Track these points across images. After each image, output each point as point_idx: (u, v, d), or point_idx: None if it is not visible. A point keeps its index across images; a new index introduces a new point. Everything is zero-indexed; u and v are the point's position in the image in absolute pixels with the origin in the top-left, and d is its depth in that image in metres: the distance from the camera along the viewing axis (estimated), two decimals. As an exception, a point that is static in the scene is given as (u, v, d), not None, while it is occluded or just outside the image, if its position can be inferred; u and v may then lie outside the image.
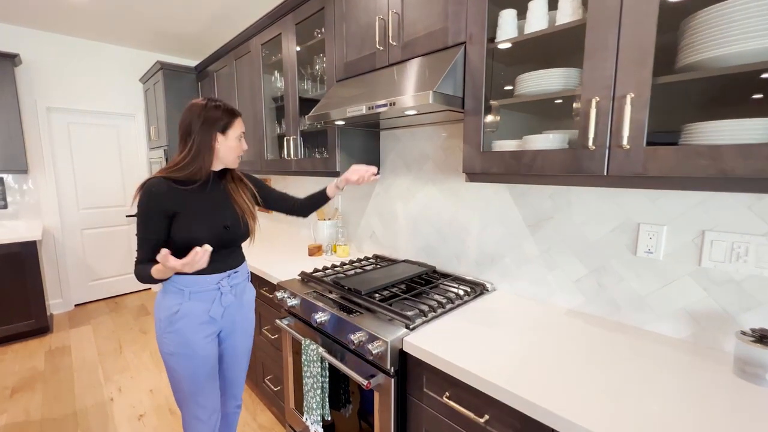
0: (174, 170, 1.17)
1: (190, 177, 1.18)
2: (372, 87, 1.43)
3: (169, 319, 1.19)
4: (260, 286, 1.93)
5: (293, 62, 2.01)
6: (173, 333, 1.19)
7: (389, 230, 2.00)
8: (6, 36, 3.05)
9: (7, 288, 2.81)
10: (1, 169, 2.93)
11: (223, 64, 2.82)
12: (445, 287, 1.51)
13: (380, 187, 2.02)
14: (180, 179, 1.17)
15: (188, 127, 1.17)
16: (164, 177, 1.16)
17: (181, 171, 1.17)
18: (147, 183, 1.15)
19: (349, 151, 1.84)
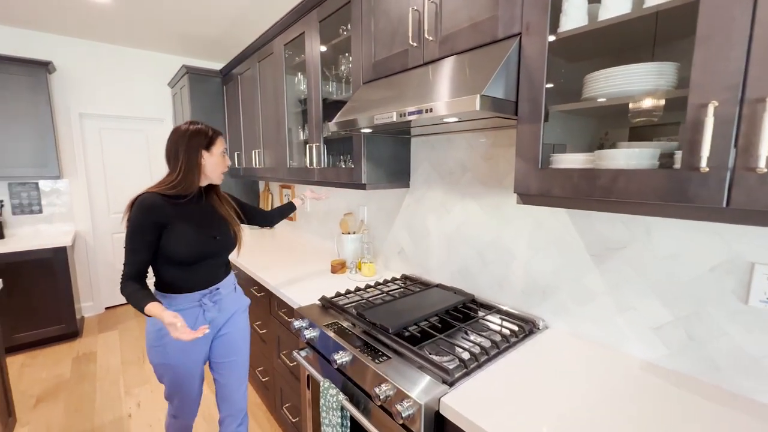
0: (165, 188, 1.25)
1: (180, 193, 1.26)
2: (403, 89, 1.23)
3: (156, 333, 1.26)
4: (279, 308, 1.78)
5: (317, 63, 1.84)
6: (160, 347, 1.27)
7: (420, 247, 1.79)
8: (40, 44, 3.10)
9: (39, 293, 2.84)
10: (36, 175, 2.98)
11: (247, 67, 2.71)
12: (486, 323, 1.29)
13: (410, 199, 1.82)
14: (170, 195, 1.25)
15: (175, 149, 1.26)
16: (156, 192, 1.24)
17: (173, 188, 1.25)
18: (140, 198, 1.22)
19: (377, 161, 1.65)
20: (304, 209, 2.85)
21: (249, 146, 2.85)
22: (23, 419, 2.09)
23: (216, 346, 1.42)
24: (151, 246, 1.21)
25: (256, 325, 2.11)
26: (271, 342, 1.93)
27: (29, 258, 2.77)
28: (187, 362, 1.31)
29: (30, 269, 2.79)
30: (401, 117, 1.11)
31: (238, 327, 1.45)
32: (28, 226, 3.20)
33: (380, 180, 1.67)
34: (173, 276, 1.27)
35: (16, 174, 2.89)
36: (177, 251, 1.23)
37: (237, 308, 1.46)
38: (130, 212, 1.21)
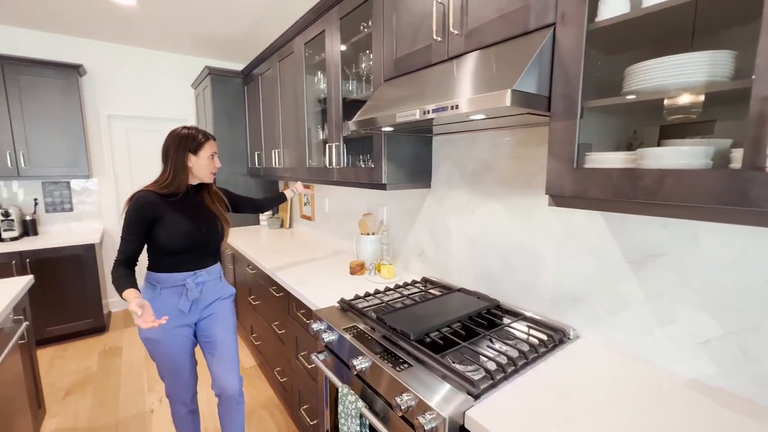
0: (158, 186, 1.41)
1: (171, 191, 1.42)
2: (426, 86, 1.18)
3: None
4: (297, 308, 1.76)
5: (337, 61, 1.82)
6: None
7: (441, 250, 1.74)
8: (70, 48, 3.21)
9: (69, 288, 2.95)
10: (68, 174, 3.08)
11: (267, 67, 2.72)
12: (513, 330, 1.23)
13: (431, 199, 1.77)
14: (163, 193, 1.41)
15: (167, 151, 1.42)
16: (150, 190, 1.40)
17: (165, 188, 1.41)
18: (136, 195, 1.38)
19: (397, 160, 1.61)
20: (324, 210, 2.83)
21: (269, 146, 2.86)
22: (52, 410, 2.16)
23: (201, 327, 1.55)
24: (142, 237, 1.38)
25: (274, 325, 2.11)
26: (289, 342, 1.92)
27: (60, 254, 2.87)
28: (170, 338, 1.44)
29: (61, 265, 2.89)
30: (425, 115, 1.06)
31: (221, 310, 1.58)
32: (60, 223, 3.33)
33: (401, 180, 1.63)
34: (163, 260, 1.44)
35: (49, 173, 3.00)
36: (167, 242, 1.39)
37: (220, 295, 1.59)
38: (128, 206, 1.37)
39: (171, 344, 1.45)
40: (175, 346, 1.46)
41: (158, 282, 1.43)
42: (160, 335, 1.41)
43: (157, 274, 1.43)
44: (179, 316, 1.46)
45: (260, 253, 2.43)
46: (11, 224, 2.89)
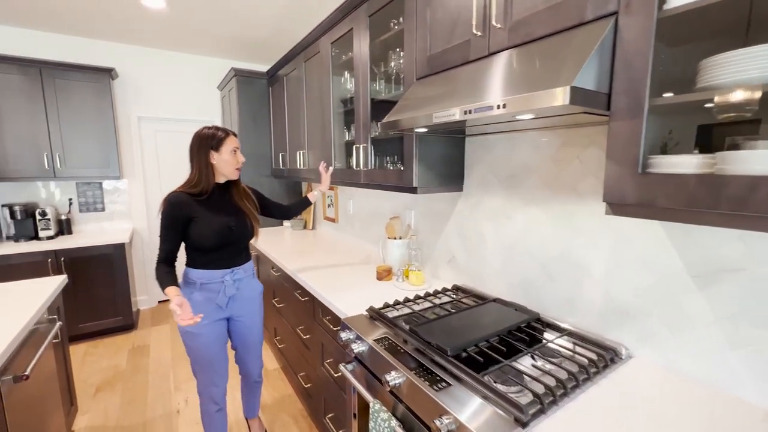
0: (188, 187, 1.48)
1: (200, 190, 1.48)
2: (465, 84, 1.11)
3: None
4: (323, 314, 1.72)
5: (365, 60, 1.76)
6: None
7: (474, 257, 1.65)
8: (103, 52, 3.30)
9: (100, 286, 3.02)
10: (100, 175, 3.17)
11: (293, 67, 2.70)
12: (557, 347, 1.14)
13: (463, 204, 1.69)
14: (193, 193, 1.47)
15: (191, 152, 1.48)
16: (182, 191, 1.46)
17: (194, 187, 1.47)
18: (169, 196, 1.45)
19: (428, 163, 1.53)
20: (348, 212, 2.79)
21: (294, 147, 2.84)
22: (84, 407, 2.20)
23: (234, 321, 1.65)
24: (178, 236, 1.45)
25: (299, 329, 2.07)
26: (314, 348, 1.88)
27: (92, 253, 2.95)
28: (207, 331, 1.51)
29: (93, 264, 2.97)
30: (466, 115, 0.98)
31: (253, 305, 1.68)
32: (93, 223, 3.43)
33: (432, 183, 1.56)
34: (200, 257, 1.51)
35: (82, 174, 3.09)
36: (200, 240, 1.46)
37: (253, 291, 1.68)
38: (162, 207, 1.44)
39: (208, 337, 1.52)
40: (211, 339, 1.53)
41: (197, 279, 1.50)
42: (199, 328, 1.49)
43: (196, 271, 1.50)
44: (217, 310, 1.55)
45: (284, 254, 2.41)
46: (48, 223, 2.99)
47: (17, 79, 2.79)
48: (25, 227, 2.94)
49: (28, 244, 2.81)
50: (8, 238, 3.00)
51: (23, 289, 1.71)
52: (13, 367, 1.25)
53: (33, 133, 2.88)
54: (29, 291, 1.69)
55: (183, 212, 1.43)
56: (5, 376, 1.19)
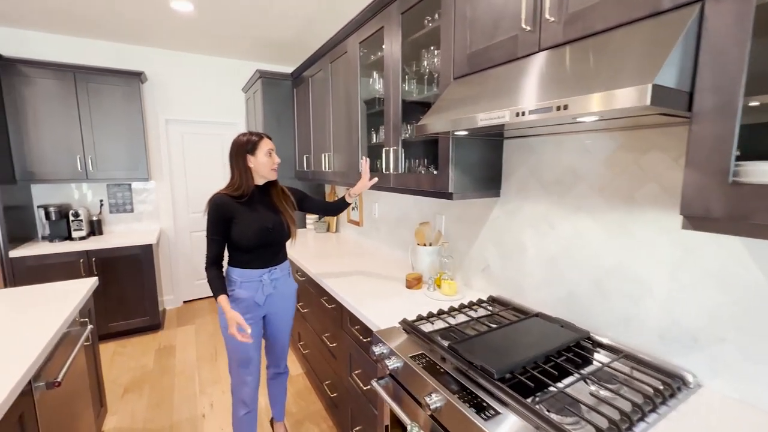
0: (230, 189, 1.57)
1: (241, 193, 1.56)
2: (510, 83, 1.02)
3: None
4: (351, 323, 1.66)
5: (396, 59, 1.69)
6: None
7: (511, 266, 1.56)
8: (132, 56, 3.36)
9: (129, 286, 3.08)
10: (129, 177, 3.23)
11: (318, 68, 2.66)
12: (613, 371, 1.03)
13: (500, 210, 1.59)
14: (235, 195, 1.55)
15: (231, 158, 1.58)
16: (224, 193, 1.56)
17: (235, 190, 1.56)
18: (213, 197, 1.54)
19: (464, 167, 1.45)
20: (373, 216, 2.73)
21: (318, 149, 2.80)
22: (112, 408, 2.22)
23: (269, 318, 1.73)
24: (223, 236, 1.55)
25: (324, 337, 2.03)
26: (341, 357, 1.82)
27: (121, 254, 3.00)
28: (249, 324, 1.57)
29: (122, 264, 3.03)
30: (518, 116, 0.90)
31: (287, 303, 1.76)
32: (122, 224, 3.50)
33: (468, 189, 1.47)
34: (240, 256, 1.59)
35: (112, 176, 3.16)
36: (240, 240, 1.54)
37: (288, 290, 1.75)
38: (207, 209, 1.54)
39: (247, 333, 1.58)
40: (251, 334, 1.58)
41: (237, 277, 1.59)
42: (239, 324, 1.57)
43: (237, 269, 1.59)
44: (255, 308, 1.63)
45: (308, 258, 2.37)
46: (80, 224, 3.06)
47: (53, 84, 2.87)
48: (59, 228, 3.02)
49: (62, 245, 2.88)
50: (44, 238, 3.09)
51: (55, 292, 1.72)
52: (45, 373, 1.25)
53: (67, 136, 2.95)
54: (61, 294, 1.70)
55: (225, 213, 1.52)
56: (38, 382, 1.19)
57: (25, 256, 2.68)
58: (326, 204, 1.87)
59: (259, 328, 1.68)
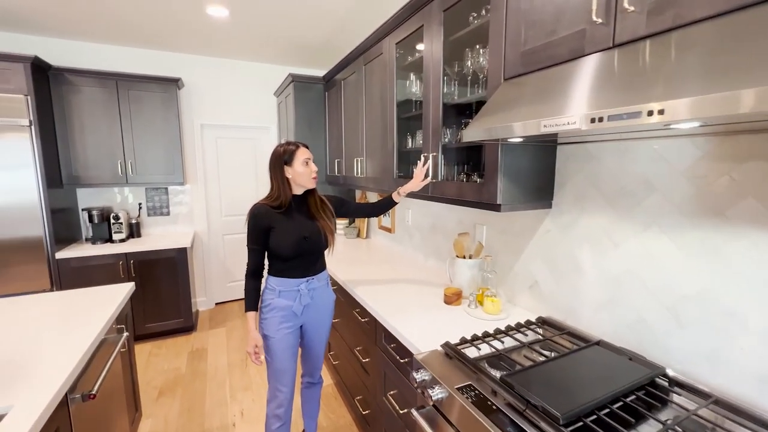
0: (270, 200, 1.58)
1: (279, 203, 1.56)
2: (576, 84, 0.89)
3: (265, 308, 1.60)
4: (386, 340, 1.57)
5: (437, 60, 1.58)
6: (266, 320, 1.59)
7: (564, 286, 1.41)
8: (169, 63, 3.44)
9: (165, 288, 3.14)
10: (166, 181, 3.30)
11: (351, 71, 2.59)
12: (701, 421, 0.88)
13: (552, 223, 1.45)
14: (273, 205, 1.56)
15: (270, 170, 1.59)
16: (264, 203, 1.57)
17: (274, 200, 1.57)
18: (253, 208, 1.56)
19: (514, 175, 1.32)
20: (405, 222, 2.63)
21: (350, 154, 2.74)
22: (147, 411, 2.25)
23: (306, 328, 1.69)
24: (263, 245, 1.56)
25: (356, 350, 1.94)
26: (374, 375, 1.74)
27: (158, 257, 3.07)
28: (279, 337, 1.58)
29: (158, 266, 3.09)
30: (594, 123, 0.77)
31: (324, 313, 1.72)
32: (159, 226, 3.59)
33: (517, 199, 1.34)
34: (279, 265, 1.59)
35: (150, 180, 3.24)
36: (278, 249, 1.54)
37: (326, 300, 1.72)
38: (248, 219, 1.55)
39: (283, 342, 1.59)
40: (285, 345, 1.59)
41: (276, 286, 1.59)
42: (276, 334, 1.58)
43: (276, 279, 1.59)
44: (293, 317, 1.61)
45: (337, 264, 2.30)
46: (120, 227, 3.16)
47: (97, 92, 2.97)
48: (101, 230, 3.12)
49: (103, 247, 2.97)
50: (87, 239, 3.21)
51: (93, 298, 1.74)
52: (81, 385, 1.23)
53: (109, 141, 3.05)
54: (99, 300, 1.71)
55: (264, 222, 1.53)
56: (74, 394, 1.17)
57: (70, 257, 2.78)
58: (370, 205, 1.81)
59: (296, 338, 1.65)
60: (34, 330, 1.40)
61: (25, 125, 2.53)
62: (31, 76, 2.54)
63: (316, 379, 1.84)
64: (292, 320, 1.61)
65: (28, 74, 2.52)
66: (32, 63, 2.53)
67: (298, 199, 1.61)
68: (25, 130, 2.54)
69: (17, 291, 2.63)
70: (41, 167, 2.62)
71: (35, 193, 2.62)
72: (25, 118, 2.53)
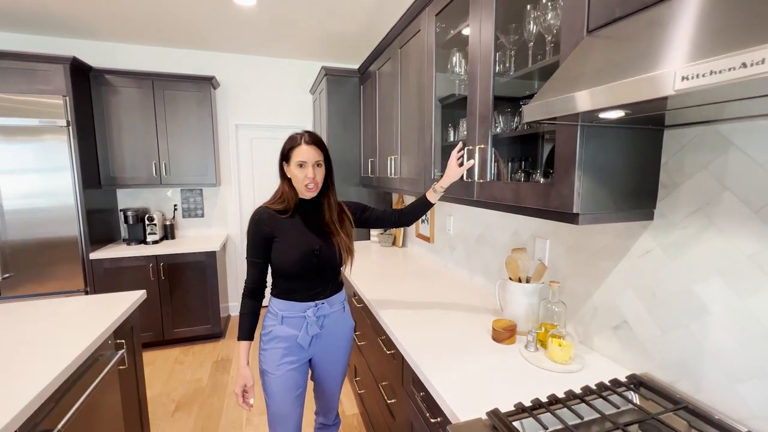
0: (273, 202, 1.30)
1: (284, 207, 1.28)
2: (708, 22, 0.49)
3: (265, 336, 1.32)
4: (414, 385, 1.22)
5: (488, 26, 1.22)
6: (266, 351, 1.30)
7: (674, 332, 0.97)
8: (204, 62, 3.37)
9: (193, 293, 3.04)
10: (199, 183, 3.22)
11: (386, 57, 2.29)
12: None
13: (653, 241, 1.02)
14: (279, 210, 1.28)
15: None
16: (267, 206, 1.29)
17: (278, 203, 1.29)
18: (254, 212, 1.28)
19: (598, 172, 0.92)
20: (446, 231, 2.26)
21: (384, 152, 2.43)
22: (160, 427, 2.09)
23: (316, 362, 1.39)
24: (265, 258, 1.28)
25: (382, 385, 1.61)
26: (401, 422, 1.39)
27: (187, 260, 2.98)
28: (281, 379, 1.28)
29: (187, 270, 3.00)
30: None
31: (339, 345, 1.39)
32: (193, 228, 3.54)
33: (604, 207, 0.94)
34: (282, 284, 1.30)
35: (186, 181, 3.17)
36: (280, 264, 1.26)
37: (341, 329, 1.39)
38: (248, 225, 1.28)
39: (284, 382, 1.29)
40: (288, 386, 1.29)
41: (279, 310, 1.30)
42: (277, 370, 1.28)
43: (278, 301, 1.31)
44: (298, 350, 1.31)
45: (366, 277, 1.99)
46: (154, 228, 3.12)
47: (134, 93, 2.96)
48: (136, 231, 3.11)
49: (136, 248, 2.94)
50: (123, 240, 3.21)
51: (98, 306, 1.59)
52: (48, 419, 1.03)
53: (144, 142, 3.03)
54: (102, 310, 1.55)
55: (265, 229, 1.25)
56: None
57: (102, 258, 2.76)
58: (397, 211, 1.47)
59: (302, 376, 1.35)
60: (10, 345, 1.24)
61: (63, 126, 2.54)
62: (70, 77, 2.54)
63: (331, 420, 1.53)
64: (297, 354, 1.31)
65: (66, 75, 2.53)
66: (71, 64, 2.54)
67: (309, 203, 1.32)
68: (63, 131, 2.55)
69: (53, 290, 2.64)
70: (78, 168, 2.61)
71: (71, 193, 2.62)
72: (62, 119, 2.53)
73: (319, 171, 1.25)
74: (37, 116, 2.48)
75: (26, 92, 2.47)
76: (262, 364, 1.31)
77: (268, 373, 1.29)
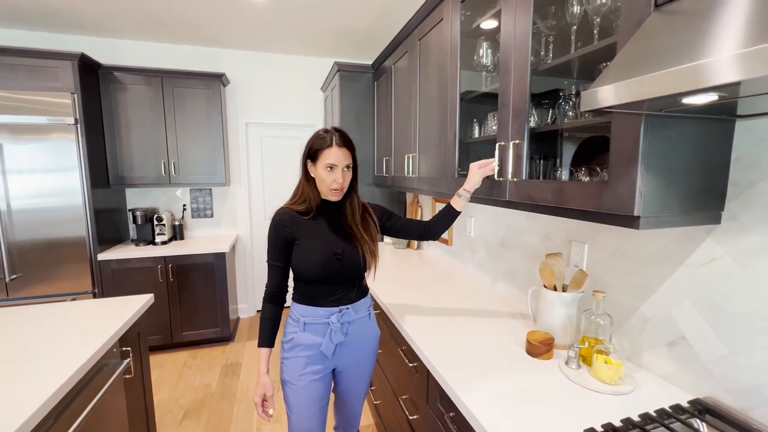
0: (293, 202, 1.23)
1: (306, 208, 1.21)
2: None
3: (286, 344, 1.24)
4: (442, 404, 1.11)
5: (525, 7, 1.11)
6: (288, 360, 1.22)
7: (745, 352, 0.85)
8: (213, 59, 3.30)
9: (202, 295, 2.96)
10: (208, 182, 3.15)
11: (403, 51, 2.18)
12: None
13: (719, 247, 0.90)
14: (300, 210, 1.21)
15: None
16: (288, 207, 1.22)
17: (299, 204, 1.22)
18: (275, 213, 1.22)
19: (664, 169, 0.80)
20: (466, 233, 2.15)
21: (400, 150, 2.32)
22: (168, 436, 2.01)
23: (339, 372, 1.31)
24: (286, 261, 1.22)
25: (402, 399, 1.51)
26: (424, 441, 1.29)
27: (195, 261, 2.90)
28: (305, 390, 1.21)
29: (196, 271, 2.93)
30: None
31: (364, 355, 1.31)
32: (202, 228, 3.47)
33: (669, 209, 0.82)
34: (303, 289, 1.23)
35: (195, 181, 3.10)
36: (300, 268, 1.20)
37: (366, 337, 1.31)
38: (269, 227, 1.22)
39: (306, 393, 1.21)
40: (312, 398, 1.22)
41: (300, 316, 1.22)
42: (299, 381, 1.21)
43: (300, 306, 1.23)
44: (321, 359, 1.23)
45: (382, 282, 1.89)
46: (162, 228, 3.06)
47: (143, 90, 2.89)
48: (145, 231, 3.05)
49: (144, 249, 2.88)
50: (132, 240, 3.16)
51: (105, 312, 1.51)
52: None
53: (153, 141, 2.96)
54: (108, 315, 1.47)
55: (286, 231, 1.19)
56: (26, 457, 0.88)
57: (110, 259, 2.70)
58: (424, 223, 1.37)
59: (326, 387, 1.27)
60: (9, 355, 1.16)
61: (71, 124, 2.48)
62: (78, 74, 2.48)
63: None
64: (321, 362, 1.23)
65: (75, 72, 2.47)
66: (79, 61, 2.48)
67: (331, 204, 1.25)
68: (71, 129, 2.49)
69: (60, 292, 2.59)
70: (86, 166, 2.55)
71: (79, 192, 2.56)
72: (70, 117, 2.47)
73: (348, 175, 1.19)
74: (45, 114, 2.43)
75: (34, 90, 2.42)
76: (284, 374, 1.23)
77: (289, 383, 1.21)
